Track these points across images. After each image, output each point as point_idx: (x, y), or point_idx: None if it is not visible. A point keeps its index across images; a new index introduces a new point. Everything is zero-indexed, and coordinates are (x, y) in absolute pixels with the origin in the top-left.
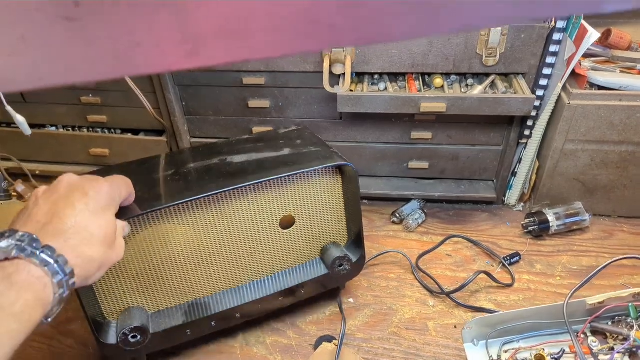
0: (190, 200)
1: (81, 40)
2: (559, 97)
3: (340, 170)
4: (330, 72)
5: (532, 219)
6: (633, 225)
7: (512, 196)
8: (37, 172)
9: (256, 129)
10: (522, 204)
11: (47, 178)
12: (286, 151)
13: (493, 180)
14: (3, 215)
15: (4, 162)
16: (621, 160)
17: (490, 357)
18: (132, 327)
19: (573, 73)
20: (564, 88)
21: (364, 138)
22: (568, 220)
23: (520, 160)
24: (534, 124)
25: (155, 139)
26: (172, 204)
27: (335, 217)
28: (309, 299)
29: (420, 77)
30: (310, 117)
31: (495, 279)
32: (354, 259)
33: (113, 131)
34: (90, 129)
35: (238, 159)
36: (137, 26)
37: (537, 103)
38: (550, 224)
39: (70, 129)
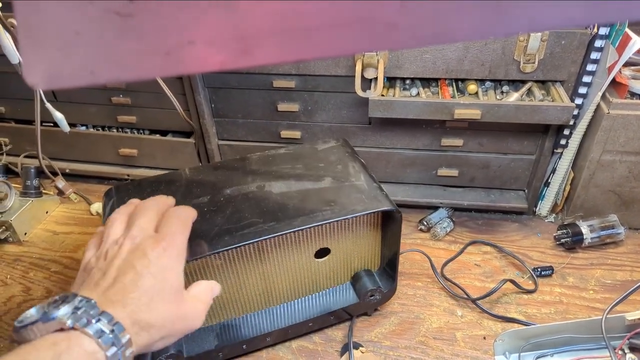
0: (235, 248)
1: (134, 37)
2: (598, 106)
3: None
4: (362, 77)
5: (564, 231)
6: None
7: (543, 207)
8: (67, 171)
9: (284, 133)
10: (554, 215)
11: (77, 177)
12: (327, 182)
13: (524, 190)
14: (34, 212)
15: (34, 159)
16: None
17: None
18: (169, 354)
19: (613, 82)
20: (603, 97)
21: (393, 144)
22: (602, 233)
23: (554, 170)
24: (571, 133)
25: (184, 140)
26: (217, 251)
27: (371, 247)
28: None
29: (454, 83)
30: (339, 121)
31: (519, 285)
32: (385, 289)
33: (142, 132)
34: (120, 129)
35: (277, 187)
36: (190, 23)
37: (575, 112)
38: (584, 236)
39: (100, 128)
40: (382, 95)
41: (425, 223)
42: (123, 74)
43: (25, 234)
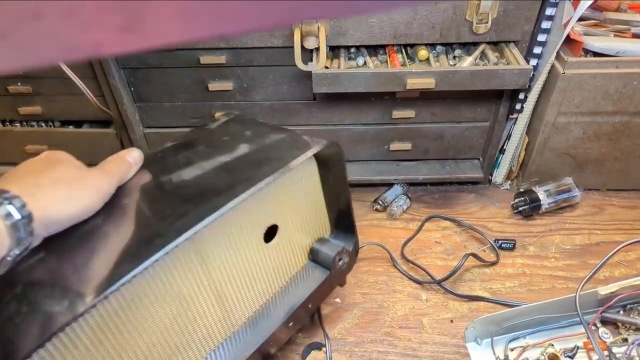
0: (173, 248)
1: None
2: (553, 66)
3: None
4: (302, 47)
5: (522, 199)
6: (622, 198)
7: (499, 175)
8: None
9: (220, 115)
10: (509, 182)
11: None
12: (245, 148)
13: (479, 159)
14: None
15: None
16: (614, 132)
17: (496, 357)
18: None
19: (567, 40)
20: (557, 56)
21: (341, 120)
22: (559, 197)
23: (509, 137)
24: (526, 97)
25: (102, 131)
26: (141, 267)
27: (317, 207)
28: None
29: (403, 49)
30: (280, 98)
31: (482, 259)
32: (349, 247)
33: (51, 124)
34: (24, 123)
35: (189, 173)
36: None
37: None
38: (542, 202)
39: (0, 123)
40: (327, 68)
41: (380, 202)
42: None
43: None
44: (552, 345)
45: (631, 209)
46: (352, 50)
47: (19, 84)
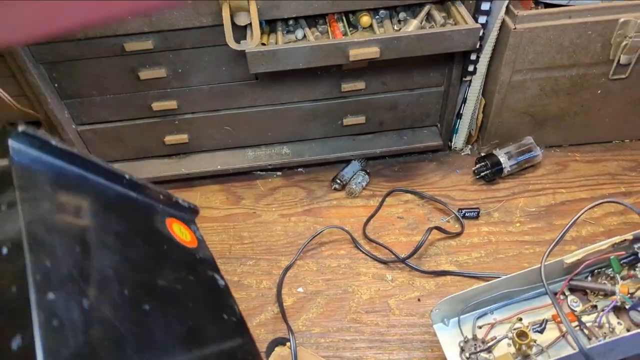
0: None
1: None
2: (503, 22)
3: None
4: (234, 24)
5: (483, 163)
6: (584, 152)
7: (458, 140)
8: None
9: (157, 105)
10: (469, 146)
11: None
12: None
13: (437, 126)
14: None
15: None
16: (572, 86)
17: (464, 337)
18: None
19: None
20: (507, 11)
21: (289, 98)
22: (520, 158)
23: (465, 100)
24: (478, 57)
25: None
26: None
27: None
28: (251, 298)
29: (344, 17)
30: (220, 81)
31: (446, 231)
32: None
33: None
34: None
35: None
36: None
37: (480, 33)
38: (503, 166)
39: None
40: (263, 44)
41: (338, 181)
42: None
43: None
44: (521, 319)
45: (595, 163)
46: (291, 22)
47: None
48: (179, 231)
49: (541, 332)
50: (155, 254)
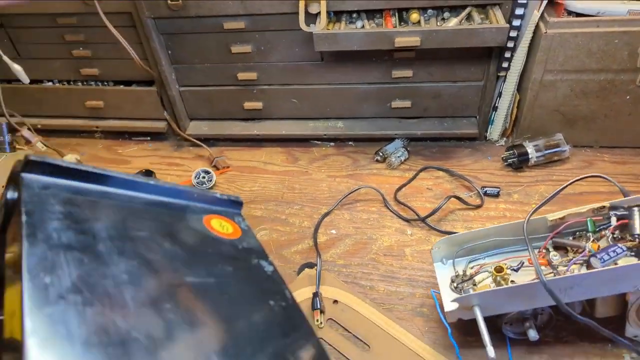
0: None
1: None
2: (537, 26)
3: None
4: (307, 12)
5: (511, 152)
6: (614, 154)
7: (494, 131)
8: (38, 126)
9: (241, 75)
10: (504, 138)
11: (50, 132)
12: None
13: (476, 117)
14: (9, 165)
15: (4, 118)
16: (601, 89)
17: (455, 272)
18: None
19: (551, 1)
20: (541, 17)
21: (347, 79)
22: (547, 152)
23: (500, 94)
24: (512, 55)
25: (146, 89)
26: None
27: None
28: (293, 232)
29: (397, 13)
30: (293, 60)
31: (465, 201)
32: None
33: (106, 83)
34: (85, 82)
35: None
36: None
37: (514, 34)
38: (530, 156)
39: (65, 83)
40: (328, 29)
41: (380, 154)
42: None
43: (2, 187)
44: (505, 263)
45: (621, 164)
46: (354, 15)
47: (81, 48)
48: (219, 225)
49: (516, 270)
50: (185, 253)
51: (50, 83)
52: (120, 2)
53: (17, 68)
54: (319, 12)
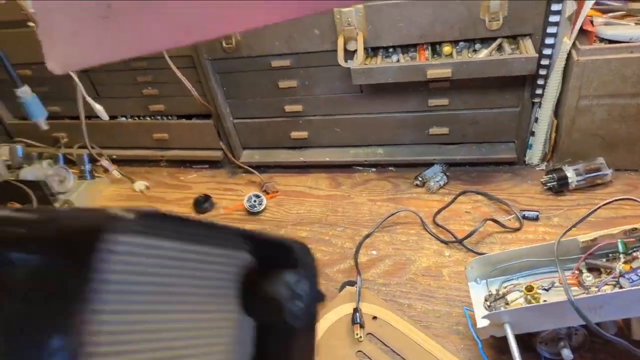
0: None
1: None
2: (570, 54)
3: None
4: (346, 49)
5: (551, 176)
6: None
7: (533, 155)
8: (114, 157)
9: (288, 107)
10: (545, 163)
11: (122, 162)
12: None
13: (514, 142)
14: (89, 192)
15: (86, 149)
16: (639, 113)
17: (489, 292)
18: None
19: (583, 30)
20: (573, 45)
21: (385, 109)
22: (588, 176)
23: (537, 120)
24: (545, 82)
25: (205, 122)
26: None
27: None
28: (336, 252)
29: (430, 47)
30: (335, 92)
31: (502, 224)
32: None
33: (170, 118)
34: (152, 117)
35: None
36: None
37: (545, 62)
38: (569, 180)
39: (136, 118)
40: (365, 64)
41: (420, 179)
42: (107, 57)
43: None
44: (536, 283)
45: None
46: (390, 50)
47: (150, 88)
48: None
49: (547, 290)
50: None
51: (123, 118)
52: (182, 46)
53: (98, 108)
54: (357, 49)
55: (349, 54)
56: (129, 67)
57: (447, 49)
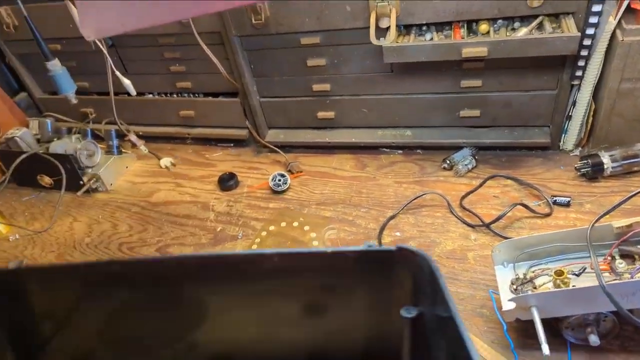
0: None
1: None
2: (614, 34)
3: None
4: (377, 27)
5: (585, 162)
6: None
7: (568, 141)
8: (140, 133)
9: (316, 87)
10: (579, 148)
11: (148, 138)
12: None
13: (548, 126)
14: (116, 167)
15: (114, 125)
16: None
17: (516, 275)
18: None
19: (629, 8)
20: (618, 24)
21: (416, 89)
22: (625, 162)
23: (574, 103)
24: (586, 63)
25: (231, 100)
26: None
27: None
28: (359, 233)
29: (466, 25)
30: (364, 71)
31: (532, 209)
32: None
33: (197, 95)
34: (179, 94)
35: None
36: None
37: (587, 42)
38: (605, 166)
39: (163, 95)
40: (397, 42)
41: (448, 162)
42: (138, 23)
43: (111, 184)
44: (566, 267)
45: None
46: (424, 28)
47: (177, 64)
48: None
49: (577, 275)
50: None
51: (150, 95)
52: (211, 22)
53: (127, 82)
54: (389, 26)
55: (381, 32)
56: (156, 43)
57: (484, 27)
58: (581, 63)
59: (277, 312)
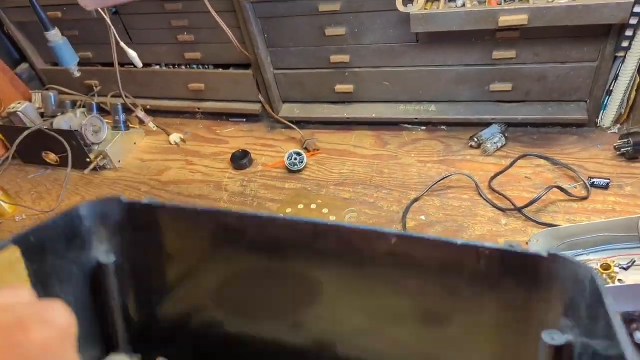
0: None
1: None
2: None
3: None
4: None
5: (626, 140)
6: None
7: (606, 117)
8: (148, 107)
9: (334, 58)
10: (618, 125)
11: (156, 112)
12: None
13: (586, 101)
14: (124, 143)
15: (120, 98)
16: None
17: None
18: None
19: None
20: None
21: (443, 61)
22: None
23: (616, 77)
24: (635, 33)
25: (243, 72)
26: None
27: None
28: (381, 216)
29: None
30: (387, 41)
31: (568, 192)
32: None
33: (207, 67)
34: (188, 66)
35: None
36: None
37: (638, 10)
38: None
39: (171, 66)
40: (426, 9)
41: (475, 140)
42: None
43: (119, 162)
44: (613, 261)
45: None
46: None
47: (185, 33)
48: None
49: (626, 269)
50: None
51: (157, 67)
52: None
53: (132, 54)
54: None
55: None
56: (163, 9)
57: None
58: (629, 33)
59: (386, 307)
